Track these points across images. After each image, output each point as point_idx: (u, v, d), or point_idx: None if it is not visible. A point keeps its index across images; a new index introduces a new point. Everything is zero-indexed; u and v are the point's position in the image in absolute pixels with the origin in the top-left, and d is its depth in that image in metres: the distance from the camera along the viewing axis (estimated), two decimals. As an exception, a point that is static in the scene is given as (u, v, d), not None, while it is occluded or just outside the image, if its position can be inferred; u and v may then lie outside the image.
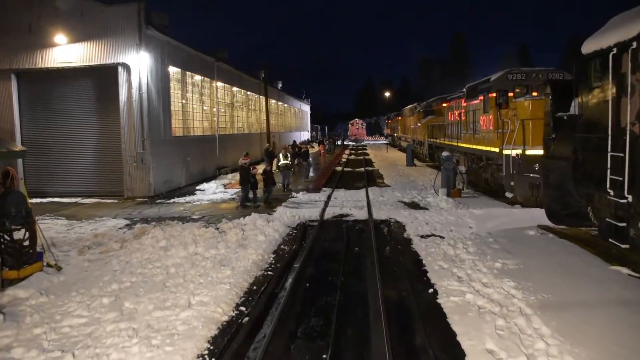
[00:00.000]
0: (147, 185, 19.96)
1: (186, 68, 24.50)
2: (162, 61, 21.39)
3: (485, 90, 18.32)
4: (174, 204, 18.02)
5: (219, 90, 30.31)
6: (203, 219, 14.70)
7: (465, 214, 14.21)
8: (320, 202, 17.08)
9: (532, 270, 8.55)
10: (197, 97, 26.39)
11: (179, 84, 23.65)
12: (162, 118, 21.23)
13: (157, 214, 16.08)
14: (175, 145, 22.56)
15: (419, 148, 37.71)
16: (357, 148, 63.42)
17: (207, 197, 19.35)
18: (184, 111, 24.19)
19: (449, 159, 17.74)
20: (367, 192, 18.79)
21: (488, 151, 17.91)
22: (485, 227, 12.34)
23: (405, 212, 14.81)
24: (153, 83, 20.34)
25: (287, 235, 12.26)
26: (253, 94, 40.20)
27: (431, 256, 9.75)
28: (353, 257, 10.26)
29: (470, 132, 20.72)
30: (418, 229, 12.48)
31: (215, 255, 9.98)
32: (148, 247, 10.36)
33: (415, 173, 26.95)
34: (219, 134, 29.23)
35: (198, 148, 25.63)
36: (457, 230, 12.09)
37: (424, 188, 20.34)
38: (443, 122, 29.24)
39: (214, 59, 28.38)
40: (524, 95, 16.88)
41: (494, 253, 9.72)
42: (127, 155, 19.91)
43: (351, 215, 14.70)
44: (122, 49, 19.64)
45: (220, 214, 15.44)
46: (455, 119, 25.85)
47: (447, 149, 26.26)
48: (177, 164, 22.75)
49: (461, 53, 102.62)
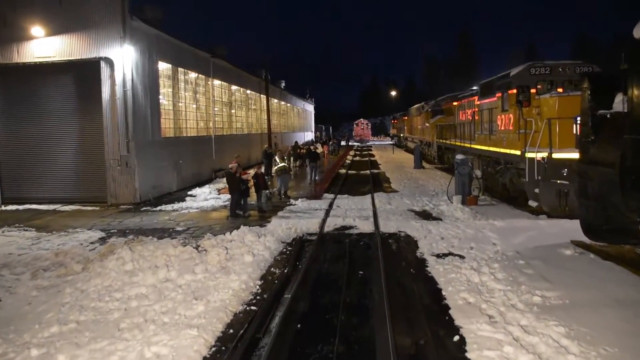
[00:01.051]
0: (133, 191, 18.28)
1: (178, 64, 22.83)
2: (151, 56, 19.71)
3: (503, 86, 16.53)
4: (159, 213, 16.33)
5: (216, 88, 28.63)
6: (187, 232, 13.00)
7: (485, 226, 12.44)
8: (320, 210, 15.34)
9: (582, 307, 6.77)
10: (191, 95, 24.71)
11: (170, 81, 21.97)
12: (150, 118, 19.55)
13: (138, 224, 14.40)
14: (165, 147, 20.88)
15: (427, 149, 35.90)
16: (362, 149, 61.64)
17: (197, 204, 17.65)
18: (175, 110, 22.52)
19: (465, 163, 15.95)
20: (373, 199, 17.04)
21: (507, 154, 16.12)
22: (511, 244, 10.57)
23: (416, 223, 13.05)
24: (139, 79, 18.67)
25: (280, 253, 10.51)
26: (253, 92, 38.51)
27: (452, 284, 7.99)
28: (357, 285, 8.51)
29: (486, 132, 18.93)
30: (432, 245, 10.72)
31: (189, 283, 8.26)
32: (111, 272, 8.65)
33: (424, 176, 25.16)
34: (215, 134, 27.54)
35: (192, 150, 23.95)
36: (478, 248, 10.32)
37: (435, 194, 18.56)
38: (453, 121, 27.45)
39: (210, 55, 26.68)
40: (548, 91, 15.10)
41: (529, 281, 7.95)
42: (111, 159, 18.24)
43: (355, 228, 12.95)
44: (104, 42, 17.97)
45: (207, 225, 13.73)
46: (467, 118, 24.06)
47: (459, 151, 24.49)
48: (168, 168, 21.08)
49: (468, 52, 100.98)
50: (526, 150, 14.19)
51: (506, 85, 16.20)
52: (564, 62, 15.56)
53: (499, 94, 17.05)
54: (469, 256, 9.72)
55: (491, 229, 12.16)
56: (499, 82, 17.27)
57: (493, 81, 18.39)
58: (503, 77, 16.81)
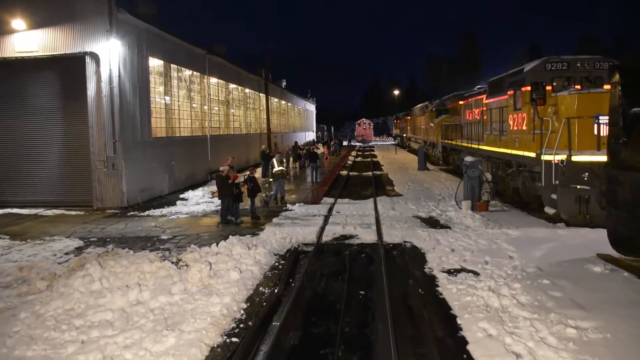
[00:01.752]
0: (119, 195, 17.17)
1: (171, 60, 21.72)
2: (140, 51, 18.61)
3: (516, 83, 15.39)
4: (146, 218, 15.22)
5: (212, 86, 27.51)
6: (172, 241, 11.88)
7: (499, 236, 11.29)
8: (319, 217, 14.21)
9: (627, 344, 5.64)
10: (185, 93, 23.60)
11: (161, 78, 20.86)
12: (140, 117, 18.44)
13: (121, 232, 13.29)
14: (156, 148, 19.77)
15: (431, 150, 34.74)
16: (364, 149, 60.50)
17: (187, 209, 16.53)
18: (168, 109, 21.41)
19: (474, 166, 14.80)
20: (376, 204, 15.89)
21: (520, 156, 14.97)
22: (530, 258, 9.42)
23: (423, 232, 11.91)
24: (127, 76, 17.56)
25: (272, 268, 9.38)
26: (253, 91, 37.39)
27: (468, 310, 6.85)
28: (357, 309, 7.38)
29: (495, 133, 17.78)
30: (442, 259, 9.58)
31: (163, 306, 7.14)
32: (76, 292, 7.53)
33: (429, 179, 24.00)
34: (211, 134, 26.43)
35: (185, 150, 22.83)
36: (494, 263, 9.19)
37: (442, 199, 17.40)
38: (459, 121, 26.30)
39: (206, 51, 25.56)
40: (565, 88, 13.96)
41: (558, 306, 6.81)
42: (96, 160, 17.13)
43: (356, 237, 11.81)
44: (90, 36, 16.86)
45: (195, 234, 12.61)
46: (474, 118, 22.91)
47: (466, 152, 23.36)
48: (159, 169, 19.96)
49: (471, 52, 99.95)
50: (542, 152, 13.05)
51: (519, 82, 15.05)
52: (582, 57, 14.40)
53: (511, 92, 15.91)
54: (484, 273, 8.58)
55: (506, 239, 11.02)
56: (510, 79, 16.12)
57: (504, 78, 17.24)
58: (515, 74, 15.66)
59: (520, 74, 15.12)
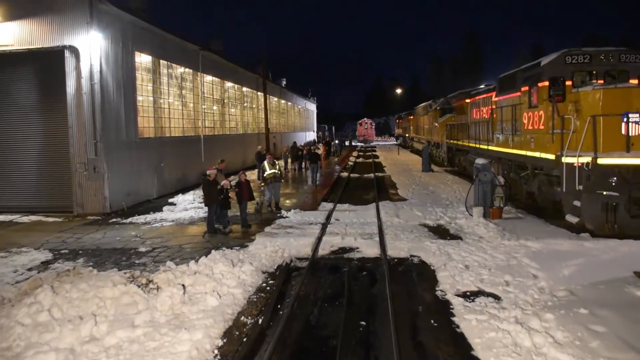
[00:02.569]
0: (102, 200, 15.90)
1: (161, 56, 20.45)
2: (125, 46, 17.34)
3: (531, 78, 14.08)
4: (128, 226, 13.95)
5: (206, 84, 26.24)
6: (150, 254, 10.60)
7: (517, 249, 9.99)
8: (316, 225, 12.92)
9: None
10: (177, 91, 22.34)
11: (150, 75, 19.60)
12: (125, 115, 17.17)
13: (97, 242, 12.02)
14: (143, 149, 18.50)
15: (436, 151, 33.42)
16: (365, 149, 59.20)
17: (174, 216, 15.25)
18: (157, 107, 20.13)
19: (487, 169, 13.49)
20: (378, 210, 14.59)
21: (536, 157, 13.67)
22: (558, 278, 8.12)
23: (431, 244, 10.61)
24: (111, 72, 16.29)
25: (258, 291, 8.08)
26: (250, 89, 36.11)
27: (494, 352, 5.55)
28: (357, 348, 6.08)
29: (507, 132, 16.47)
30: (456, 278, 8.29)
31: (121, 344, 5.87)
32: (17, 325, 6.26)
33: (434, 181, 22.68)
34: (204, 134, 25.15)
35: (176, 151, 21.56)
36: (516, 283, 7.90)
37: (449, 204, 16.10)
38: (466, 120, 24.99)
39: (199, 47, 24.28)
40: (586, 83, 12.66)
41: (606, 348, 5.51)
42: (77, 162, 15.86)
43: (356, 250, 10.51)
44: (70, 28, 15.59)
45: (177, 246, 11.33)
46: (482, 117, 21.62)
47: (473, 153, 22.05)
48: (146, 172, 18.70)
49: (474, 52, 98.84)
50: (563, 154, 11.75)
51: (535, 76, 13.74)
52: (606, 48, 13.08)
53: (525, 88, 14.60)
54: (507, 298, 7.29)
55: (526, 253, 9.71)
56: (524, 74, 14.82)
57: (516, 73, 15.94)
58: (531, 68, 14.36)
59: (536, 68, 13.81)
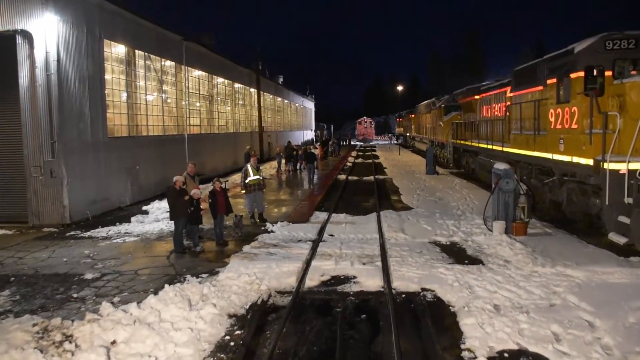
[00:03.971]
0: (60, 209, 13.76)
1: (137, 46, 18.30)
2: (91, 32, 15.18)
3: (561, 69, 11.96)
4: (84, 242, 11.81)
5: (192, 79, 24.08)
6: (95, 285, 8.47)
7: (556, 280, 7.88)
8: (305, 243, 10.79)
9: None
10: (156, 85, 20.18)
11: (122, 67, 17.44)
12: (89, 112, 15.01)
13: (38, 264, 9.87)
14: (113, 150, 16.36)
15: (440, 151, 31.28)
16: (365, 149, 57.06)
17: (141, 228, 13.12)
18: (131, 103, 17.99)
19: (509, 175, 11.33)
20: (380, 224, 12.46)
21: (566, 162, 11.56)
22: (625, 329, 6.03)
23: (447, 271, 8.49)
24: (72, 61, 14.15)
25: (217, 349, 5.90)
26: (242, 85, 33.97)
27: None
28: None
29: (527, 132, 14.37)
30: (485, 328, 6.17)
31: None
32: None
33: (440, 186, 20.55)
34: (189, 133, 23.02)
35: (156, 152, 19.43)
36: (570, 339, 5.79)
37: (462, 214, 13.97)
38: (474, 118, 22.89)
39: (182, 38, 22.12)
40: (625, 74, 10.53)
41: None
42: (31, 166, 13.73)
43: (353, 281, 8.35)
44: (22, 10, 13.46)
45: (132, 272, 9.18)
46: (494, 114, 19.53)
47: (484, 154, 19.94)
48: (118, 176, 16.56)
49: (475, 50, 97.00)
50: (606, 159, 9.65)
51: (566, 66, 11.62)
52: (655, 31, 10.95)
53: (552, 80, 12.50)
54: (563, 365, 5.18)
55: (570, 286, 7.60)
56: (551, 65, 12.70)
57: (539, 64, 13.83)
58: (559, 57, 12.23)
59: (567, 56, 11.68)
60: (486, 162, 19.55)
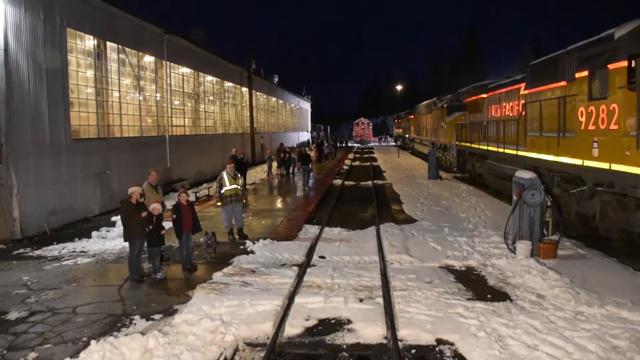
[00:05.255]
0: (9, 222, 11.86)
1: (108, 37, 16.41)
2: (50, 19, 13.29)
3: (595, 59, 10.13)
4: (30, 263, 9.91)
5: (175, 75, 22.20)
6: (15, 330, 6.56)
7: (615, 331, 6.04)
8: (289, 269, 8.90)
9: None
10: (132, 82, 18.30)
11: (91, 60, 15.54)
12: (48, 110, 13.12)
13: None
14: (78, 153, 14.47)
15: (442, 154, 29.43)
16: (362, 151, 55.21)
17: (101, 246, 11.22)
18: (102, 101, 16.09)
19: (535, 186, 9.45)
20: (380, 242, 10.58)
21: (603, 170, 9.71)
22: None
23: (467, 312, 6.63)
24: (25, 51, 12.27)
25: None
26: (233, 84, 32.09)
27: None
28: None
29: (549, 133, 12.53)
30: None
31: None
32: None
33: (446, 193, 18.70)
34: (171, 134, 21.14)
35: (131, 155, 17.53)
36: None
37: (474, 228, 12.12)
38: (481, 119, 21.06)
39: (163, 30, 20.23)
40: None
41: None
42: (-25, 172, 11.84)
43: (346, 327, 6.43)
44: (-35, -9, 11.60)
45: (69, 309, 7.27)
46: (505, 114, 17.71)
47: (494, 158, 18.10)
48: (84, 182, 14.68)
49: (474, 50, 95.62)
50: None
51: (603, 56, 9.79)
52: None
53: (582, 73, 10.66)
54: None
55: (633, 338, 5.75)
56: (581, 55, 10.85)
57: (562, 56, 12.01)
58: (593, 45, 10.38)
59: (604, 44, 9.84)
60: (496, 167, 17.73)
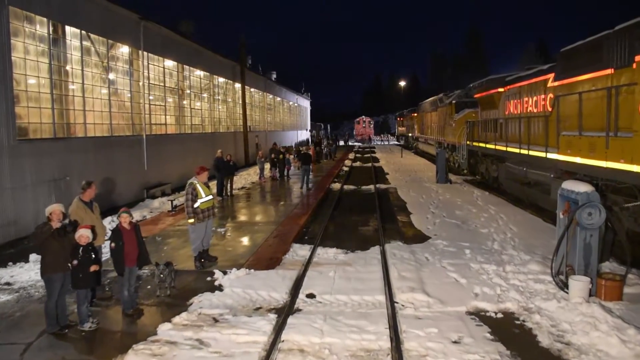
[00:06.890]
0: None
1: (67, 21, 14.10)
2: (-12, -5, 11.03)
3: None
4: None
5: (154, 67, 19.91)
6: None
7: None
8: (264, 316, 6.62)
9: None
10: (99, 73, 16.00)
11: (44, 46, 13.25)
12: (-16, 104, 10.87)
13: None
14: (28, 156, 12.19)
15: (450, 154, 27.07)
16: (363, 150, 52.85)
17: (36, 275, 8.84)
18: (59, 95, 13.80)
19: (593, 204, 7.11)
20: (387, 273, 8.27)
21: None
22: None
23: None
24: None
25: None
26: (225, 79, 29.77)
27: None
28: None
29: (592, 133, 10.22)
30: None
31: None
32: None
33: (459, 200, 16.38)
34: (149, 133, 18.84)
35: (98, 158, 15.26)
36: None
37: (502, 249, 9.80)
38: (496, 116, 18.73)
39: (139, 17, 17.92)
40: None
41: None
42: None
43: None
44: None
45: None
46: (527, 110, 15.40)
47: (515, 161, 15.74)
48: (35, 190, 12.40)
49: (477, 49, 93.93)
50: None
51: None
52: None
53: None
54: None
55: None
56: None
57: (608, 38, 9.72)
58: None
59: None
60: (518, 171, 15.42)
